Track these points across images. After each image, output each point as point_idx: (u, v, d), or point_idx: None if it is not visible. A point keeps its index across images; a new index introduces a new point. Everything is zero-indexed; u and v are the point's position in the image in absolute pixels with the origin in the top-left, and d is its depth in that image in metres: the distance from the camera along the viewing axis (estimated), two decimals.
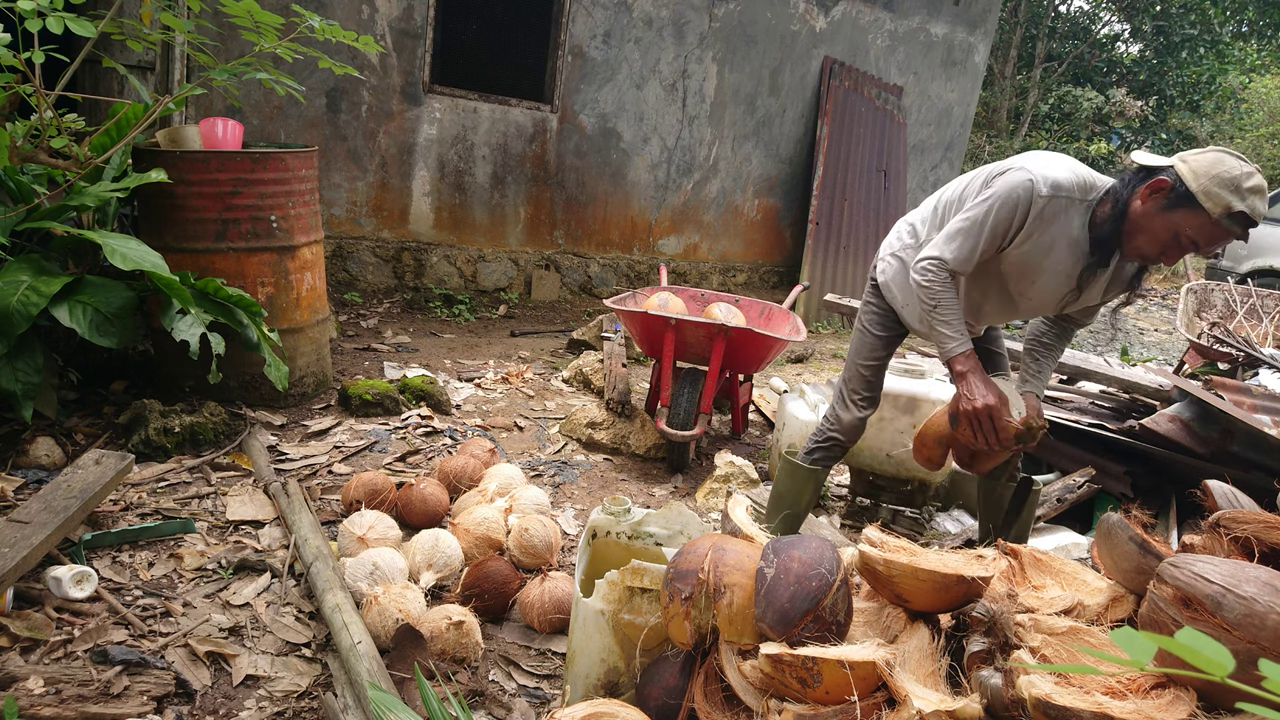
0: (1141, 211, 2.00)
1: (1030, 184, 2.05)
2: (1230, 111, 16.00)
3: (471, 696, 2.03)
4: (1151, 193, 1.98)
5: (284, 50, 3.03)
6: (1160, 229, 1.98)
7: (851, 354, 2.59)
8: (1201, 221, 1.92)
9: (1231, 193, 1.88)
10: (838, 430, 2.59)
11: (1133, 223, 2.02)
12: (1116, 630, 0.70)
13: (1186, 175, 1.93)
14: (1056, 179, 2.06)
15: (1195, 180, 1.91)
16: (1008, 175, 2.11)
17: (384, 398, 3.75)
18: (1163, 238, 1.99)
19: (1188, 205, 1.93)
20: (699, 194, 7.21)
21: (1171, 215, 1.96)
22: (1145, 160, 2.03)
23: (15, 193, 3.04)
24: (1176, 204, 1.94)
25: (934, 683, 1.48)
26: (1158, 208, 1.97)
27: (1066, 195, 2.07)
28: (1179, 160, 1.97)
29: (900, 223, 2.55)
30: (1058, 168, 2.09)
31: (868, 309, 2.57)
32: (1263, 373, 3.94)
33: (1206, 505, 1.79)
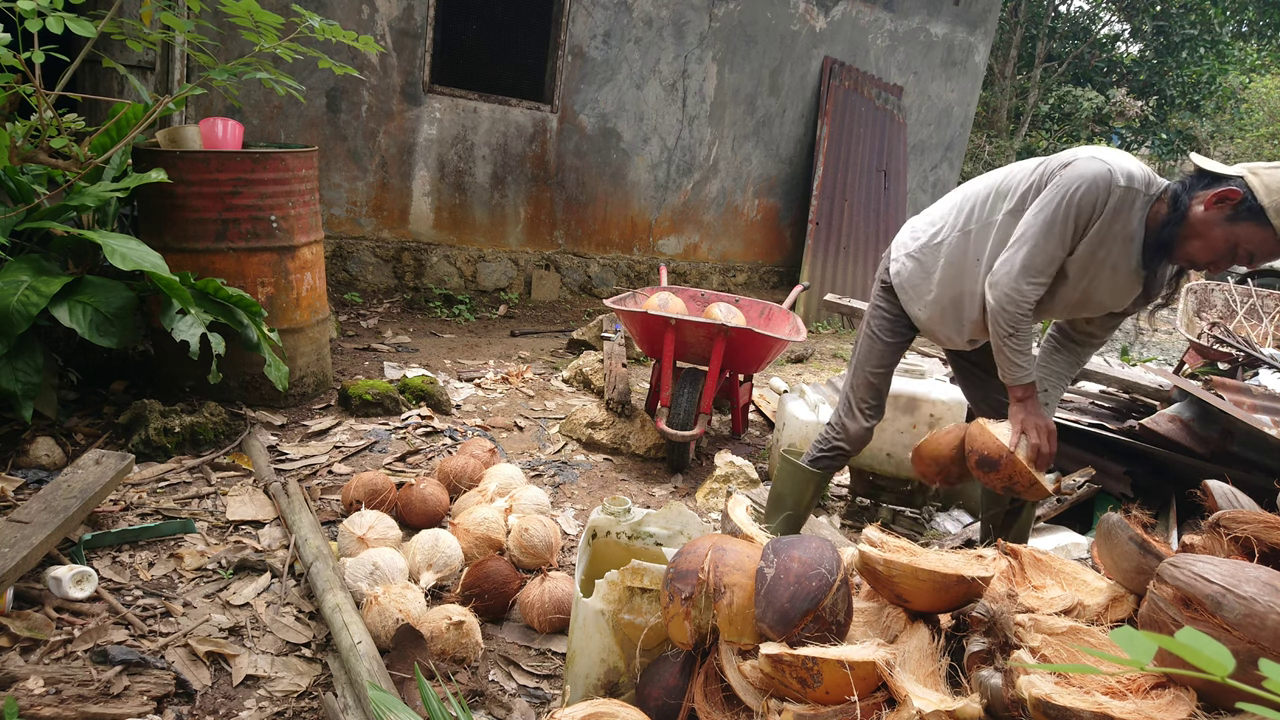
0: (1202, 218, 1.94)
1: (1109, 173, 1.99)
2: (1230, 111, 16.00)
3: (471, 696, 2.03)
4: (1218, 200, 1.92)
5: (284, 50, 3.03)
6: (1220, 238, 1.94)
7: (859, 361, 2.53)
8: (1266, 237, 1.88)
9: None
10: (844, 440, 2.55)
11: (1190, 227, 1.97)
12: (1116, 630, 0.70)
13: (1259, 189, 1.87)
14: (1130, 170, 2.01)
15: (1269, 196, 1.86)
16: (1078, 165, 2.04)
17: (384, 398, 3.75)
18: (1220, 248, 1.95)
19: (1255, 219, 1.88)
20: (699, 194, 7.21)
21: (1235, 227, 1.91)
22: (1208, 165, 1.98)
23: (15, 193, 3.04)
24: (1244, 217, 1.90)
25: (934, 683, 1.48)
26: (1222, 217, 1.92)
27: (1138, 188, 2.01)
28: (1249, 172, 1.91)
29: (914, 220, 2.48)
30: (1127, 159, 2.04)
31: (877, 314, 2.50)
32: (1263, 373, 3.94)
33: (1206, 505, 1.79)
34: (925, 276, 2.38)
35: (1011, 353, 2.15)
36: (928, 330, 2.47)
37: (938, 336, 2.46)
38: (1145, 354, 7.62)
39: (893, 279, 2.46)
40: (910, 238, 2.44)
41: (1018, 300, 2.10)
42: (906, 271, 2.42)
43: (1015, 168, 2.24)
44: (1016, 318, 2.11)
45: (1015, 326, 2.12)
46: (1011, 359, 2.16)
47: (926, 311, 2.41)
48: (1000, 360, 2.20)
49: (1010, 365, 2.17)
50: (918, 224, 2.46)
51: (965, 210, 2.30)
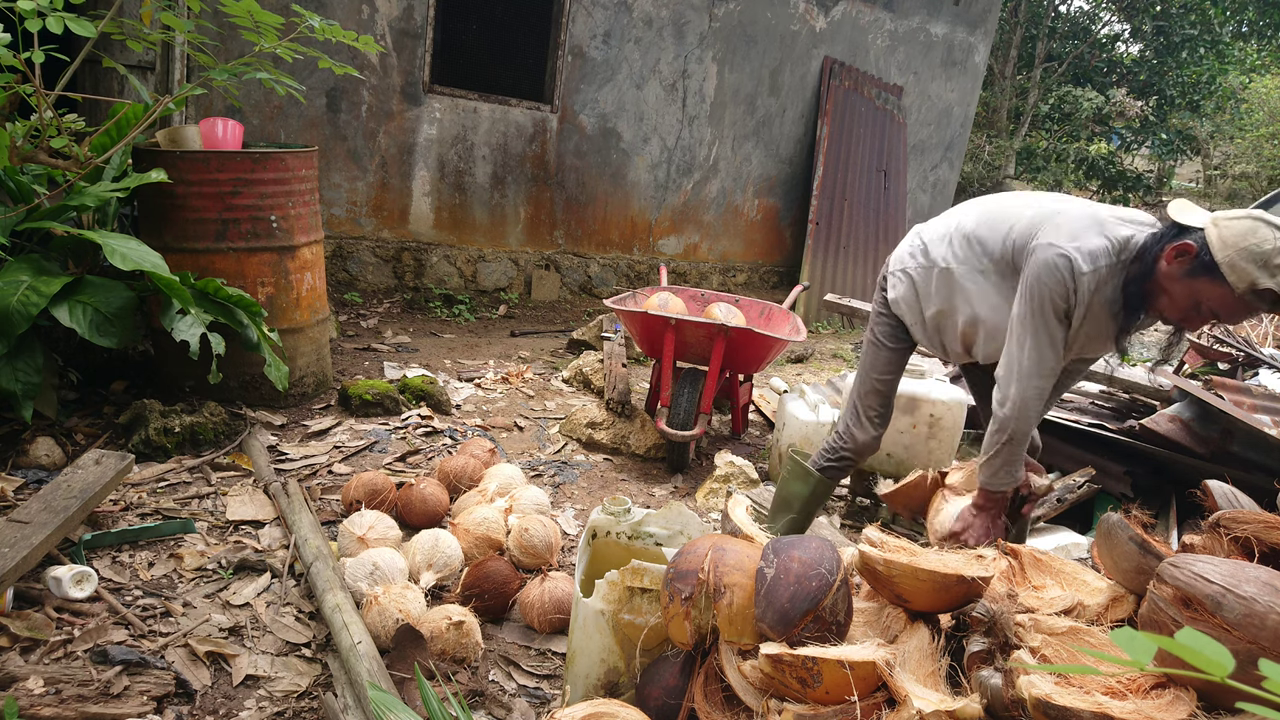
0: (1165, 273, 1.87)
1: (1070, 264, 1.93)
2: (1230, 111, 15.99)
3: (471, 696, 2.03)
4: (1177, 255, 1.84)
5: (284, 50, 3.03)
6: (1181, 295, 1.86)
7: (865, 368, 2.52)
8: (1224, 294, 1.79)
9: (1259, 268, 1.73)
10: (851, 449, 2.54)
11: (1157, 283, 1.90)
12: (1116, 630, 0.70)
13: (1214, 242, 1.78)
14: (1092, 249, 1.94)
15: (1222, 250, 1.76)
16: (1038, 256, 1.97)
17: (384, 398, 3.75)
18: (1183, 304, 1.87)
19: (1211, 275, 1.79)
20: (699, 194, 7.21)
21: (1194, 282, 1.83)
22: (1180, 216, 1.89)
23: (15, 193, 3.04)
24: (1200, 271, 1.81)
25: (934, 683, 1.48)
26: (1182, 272, 1.84)
27: (1106, 263, 1.95)
28: (1211, 223, 1.82)
29: (913, 233, 2.45)
30: (1088, 234, 1.96)
31: (880, 322, 2.49)
32: (1263, 373, 3.94)
33: (1206, 505, 1.79)
34: (916, 298, 2.39)
35: (1000, 459, 2.10)
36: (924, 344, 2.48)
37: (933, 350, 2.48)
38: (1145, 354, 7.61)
39: (889, 293, 2.46)
40: (907, 253, 2.42)
41: (1024, 410, 2.05)
42: (902, 288, 2.41)
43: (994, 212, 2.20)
44: (1021, 427, 2.06)
45: (1014, 434, 2.07)
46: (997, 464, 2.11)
47: (918, 330, 2.43)
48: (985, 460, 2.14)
49: (993, 470, 2.12)
50: (914, 242, 2.42)
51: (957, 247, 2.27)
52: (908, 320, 2.43)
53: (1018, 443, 2.08)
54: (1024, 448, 2.10)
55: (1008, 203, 2.21)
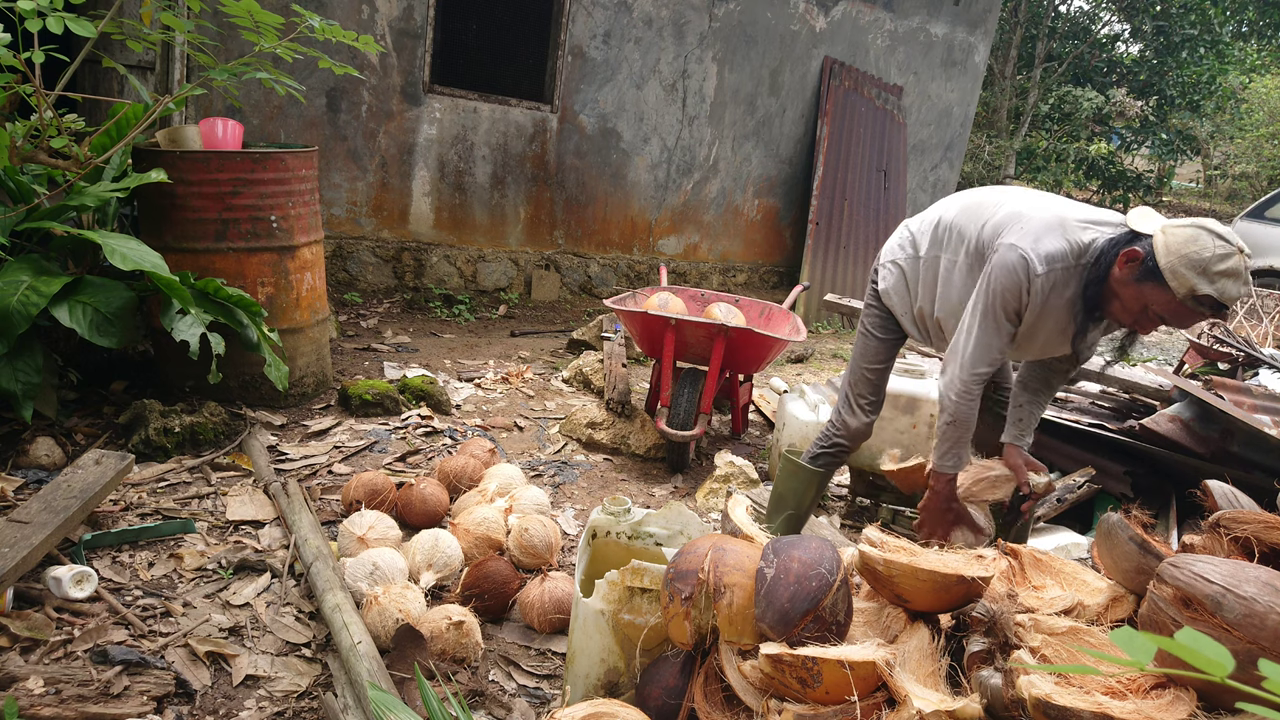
0: (1118, 277, 1.97)
1: (1025, 265, 2.03)
2: (1230, 111, 16.00)
3: (471, 696, 2.03)
4: (1127, 261, 1.95)
5: (284, 50, 3.03)
6: (1131, 299, 1.96)
7: (855, 358, 2.57)
8: (1168, 299, 1.89)
9: (1198, 275, 1.83)
10: (843, 435, 2.58)
11: (1110, 287, 2.00)
12: (1116, 630, 0.70)
13: (1159, 249, 1.89)
14: (1049, 252, 2.03)
15: (1165, 256, 1.87)
16: (998, 256, 2.07)
17: (384, 398, 3.75)
18: (1133, 308, 1.97)
19: (1155, 280, 1.89)
20: (699, 194, 7.21)
21: (1141, 287, 1.93)
22: (1136, 223, 1.99)
23: (15, 193, 3.04)
24: (1146, 277, 1.91)
25: (934, 683, 1.48)
26: (1131, 277, 1.94)
27: (1062, 266, 2.04)
28: (1159, 230, 1.92)
29: (902, 226, 2.52)
30: (1049, 237, 2.05)
31: (870, 313, 2.55)
32: (1263, 373, 3.94)
33: (1206, 505, 1.79)
34: (907, 287, 2.44)
35: (946, 440, 2.23)
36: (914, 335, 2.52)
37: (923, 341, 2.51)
38: (1145, 354, 7.62)
39: (880, 284, 2.51)
40: (897, 245, 2.50)
41: (964, 394, 2.16)
42: (892, 279, 2.47)
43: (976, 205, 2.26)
44: (961, 408, 2.17)
45: (955, 416, 2.19)
46: (943, 447, 2.24)
47: (907, 321, 2.48)
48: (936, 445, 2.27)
49: (939, 452, 2.25)
50: (903, 234, 2.50)
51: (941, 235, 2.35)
52: (898, 311, 2.48)
53: (961, 425, 2.19)
54: (968, 432, 2.20)
55: (987, 197, 2.28)
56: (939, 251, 2.34)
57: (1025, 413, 2.41)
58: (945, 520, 2.30)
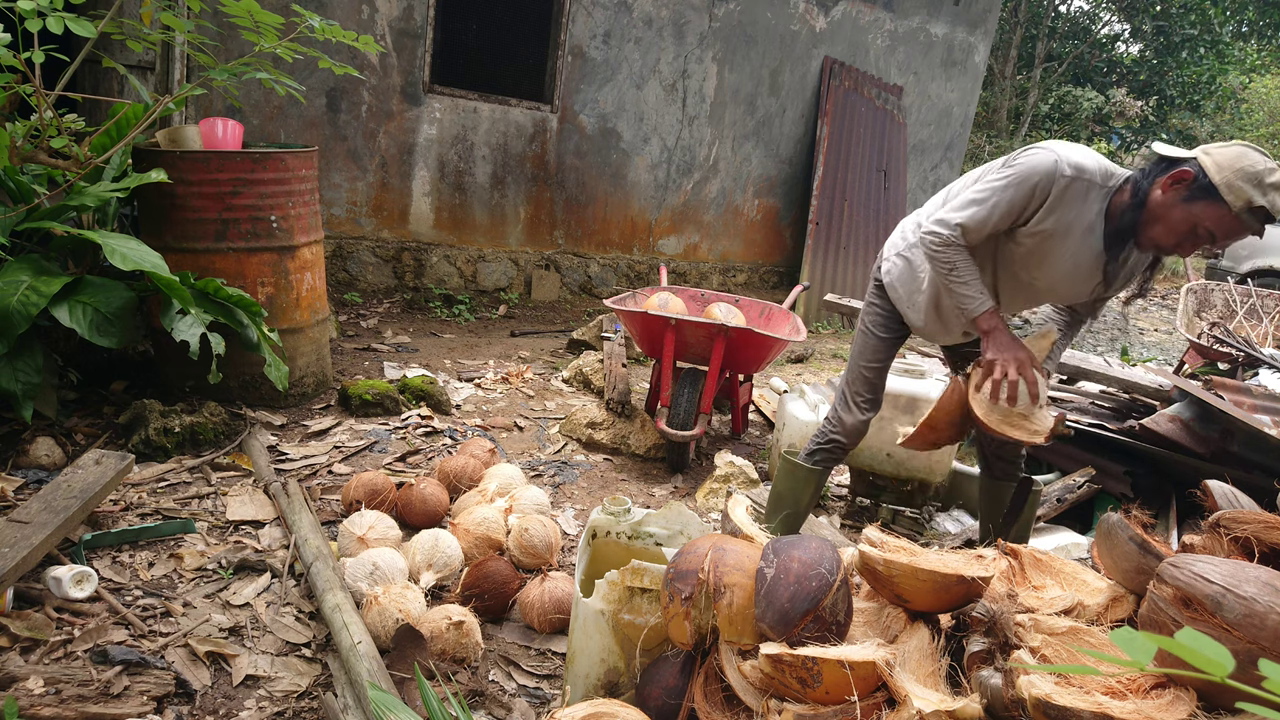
0: (1161, 201, 1.99)
1: (1055, 163, 2.04)
2: (1230, 111, 16.00)
3: (471, 696, 2.03)
4: (1173, 183, 1.97)
5: (284, 50, 3.03)
6: (1179, 220, 1.98)
7: (854, 355, 2.57)
8: (1221, 214, 1.92)
9: (1254, 187, 1.88)
10: (840, 432, 2.58)
11: (1150, 212, 2.01)
12: (1116, 630, 0.70)
13: (1210, 167, 1.92)
14: (1080, 161, 2.05)
15: (1219, 173, 1.91)
16: (1030, 154, 2.09)
17: (384, 398, 3.75)
18: (1180, 229, 1.99)
19: (1209, 197, 1.92)
20: (699, 194, 7.21)
21: (1191, 206, 1.95)
22: (1166, 151, 2.03)
23: (15, 193, 3.04)
24: (1198, 195, 1.94)
25: (934, 683, 1.48)
26: (1178, 198, 1.97)
27: (1089, 179, 2.05)
28: (1202, 152, 1.96)
29: (904, 221, 2.53)
30: (1081, 152, 2.09)
31: (871, 310, 2.55)
32: (1263, 373, 3.94)
33: (1206, 505, 1.79)
34: (914, 275, 2.42)
35: (957, 285, 2.18)
36: (920, 330, 2.49)
37: (932, 333, 2.49)
38: (1145, 354, 7.62)
39: (884, 278, 2.50)
40: (900, 238, 2.49)
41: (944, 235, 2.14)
42: (897, 270, 2.46)
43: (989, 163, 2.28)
44: (949, 254, 2.15)
45: (951, 262, 2.16)
46: (959, 291, 2.18)
47: (916, 310, 2.44)
48: (952, 301, 2.23)
49: (962, 298, 2.19)
50: (908, 224, 2.50)
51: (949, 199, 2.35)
52: (903, 303, 2.46)
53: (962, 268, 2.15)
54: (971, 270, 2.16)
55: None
56: None
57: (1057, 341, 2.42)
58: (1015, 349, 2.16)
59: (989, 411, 2.16)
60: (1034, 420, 2.15)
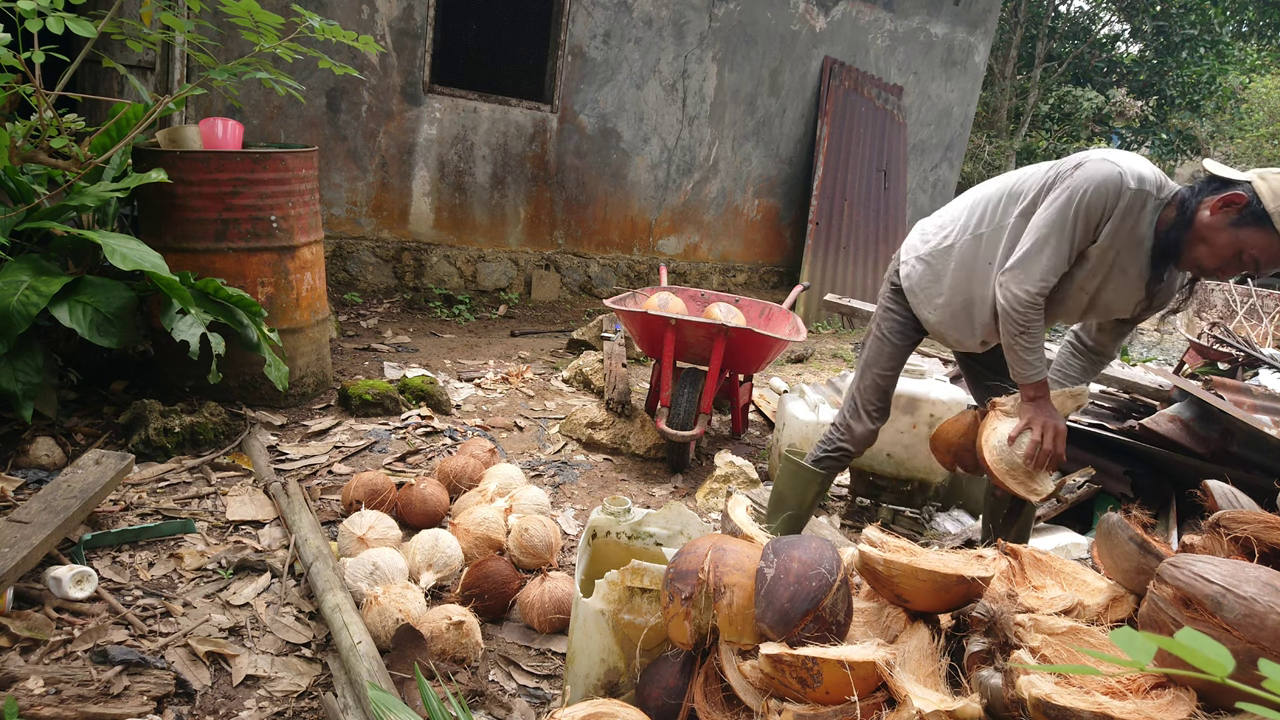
0: (1208, 223, 1.94)
1: (1120, 175, 1.99)
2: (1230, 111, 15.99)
3: (471, 696, 2.03)
4: (1224, 205, 1.92)
5: (284, 50, 3.03)
6: (1225, 244, 1.93)
7: (867, 362, 2.53)
8: (1270, 243, 1.88)
9: None
10: (848, 441, 2.56)
11: (1196, 233, 1.96)
12: (1116, 630, 0.70)
13: (1265, 194, 1.87)
14: (1141, 172, 2.00)
15: (1274, 201, 1.86)
16: (1088, 167, 2.03)
17: (384, 398, 3.75)
18: (1225, 254, 1.94)
19: (1260, 224, 1.88)
20: (699, 194, 7.21)
21: (1240, 232, 1.90)
22: (1218, 170, 1.98)
23: (15, 193, 3.04)
24: (1248, 221, 1.89)
25: (934, 683, 1.48)
26: (1228, 222, 1.91)
27: (1149, 190, 2.00)
28: (1257, 177, 1.91)
29: (924, 223, 2.48)
30: (1139, 161, 2.03)
31: (888, 316, 2.50)
32: (1263, 373, 3.94)
33: (1206, 505, 1.79)
34: (935, 280, 2.38)
35: (1023, 350, 2.15)
36: (938, 333, 2.46)
37: (948, 339, 2.46)
38: (1145, 354, 7.62)
39: (902, 282, 2.46)
40: (920, 240, 2.44)
41: (1026, 299, 2.11)
42: (917, 274, 2.42)
43: (1028, 170, 2.23)
44: (1027, 316, 2.12)
45: (1025, 325, 2.13)
46: (1023, 356, 2.16)
47: (937, 315, 2.41)
48: (1011, 359, 2.20)
49: (1021, 363, 2.17)
50: (927, 227, 2.45)
51: (977, 213, 2.30)
52: (922, 308, 2.42)
53: (1032, 334, 2.13)
54: (1041, 339, 2.14)
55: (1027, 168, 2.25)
56: (983, 230, 2.27)
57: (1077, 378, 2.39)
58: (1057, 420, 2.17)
59: (999, 459, 2.22)
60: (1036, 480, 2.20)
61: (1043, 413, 2.19)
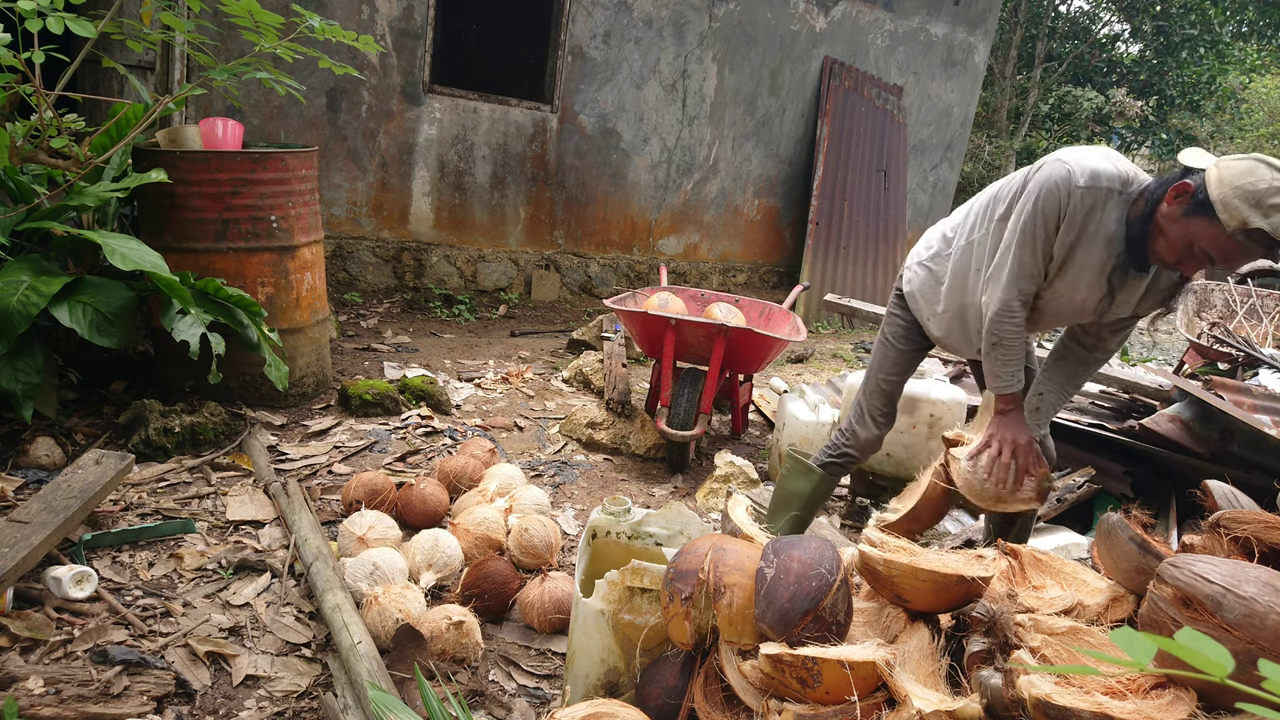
0: (1166, 214, 1.89)
1: (1068, 174, 1.95)
2: (1230, 111, 15.99)
3: (471, 696, 2.03)
4: (1176, 195, 1.86)
5: (284, 50, 3.03)
6: (1178, 235, 1.87)
7: (873, 368, 2.53)
8: (1215, 233, 1.80)
9: (1251, 207, 1.73)
10: (853, 446, 2.55)
11: (1156, 224, 1.91)
12: (1116, 630, 0.70)
13: (1211, 181, 1.80)
14: (1095, 168, 1.95)
15: (1217, 188, 1.78)
16: (1043, 170, 2.01)
17: (384, 398, 3.75)
18: (1178, 245, 1.88)
19: (1205, 214, 1.80)
20: (699, 194, 7.21)
21: (1190, 222, 1.84)
22: (1188, 160, 1.92)
23: (15, 193, 3.04)
24: (1195, 210, 1.82)
25: (934, 683, 1.48)
26: (1180, 212, 1.85)
27: (1106, 186, 1.95)
28: (1214, 164, 1.83)
29: (930, 230, 2.48)
30: (1095, 157, 1.99)
31: (893, 321, 2.50)
32: (1263, 373, 3.94)
33: (1206, 505, 1.79)
34: (935, 286, 2.39)
35: (994, 362, 2.15)
36: (941, 342, 2.46)
37: (950, 347, 2.46)
38: (1145, 354, 7.61)
39: (905, 287, 2.46)
40: (924, 247, 2.45)
41: (1003, 311, 2.10)
42: (919, 280, 2.42)
43: (1011, 175, 2.22)
44: (1003, 327, 2.11)
45: (999, 336, 2.12)
46: (993, 369, 2.16)
47: (936, 322, 2.41)
48: (985, 368, 2.20)
49: (992, 375, 2.17)
50: (932, 234, 2.45)
51: (970, 220, 2.30)
52: (924, 314, 2.42)
53: (1007, 345, 2.12)
54: (1017, 351, 2.13)
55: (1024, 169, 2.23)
56: (975, 235, 2.26)
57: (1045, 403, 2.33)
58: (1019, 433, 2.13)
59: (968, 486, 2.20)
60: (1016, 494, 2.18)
61: (1004, 427, 2.16)
